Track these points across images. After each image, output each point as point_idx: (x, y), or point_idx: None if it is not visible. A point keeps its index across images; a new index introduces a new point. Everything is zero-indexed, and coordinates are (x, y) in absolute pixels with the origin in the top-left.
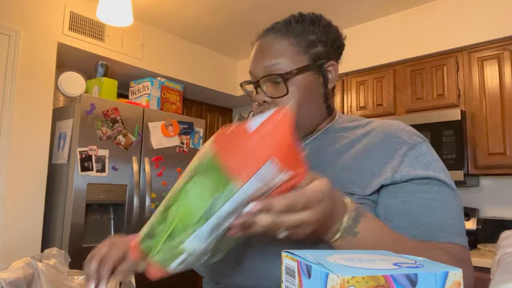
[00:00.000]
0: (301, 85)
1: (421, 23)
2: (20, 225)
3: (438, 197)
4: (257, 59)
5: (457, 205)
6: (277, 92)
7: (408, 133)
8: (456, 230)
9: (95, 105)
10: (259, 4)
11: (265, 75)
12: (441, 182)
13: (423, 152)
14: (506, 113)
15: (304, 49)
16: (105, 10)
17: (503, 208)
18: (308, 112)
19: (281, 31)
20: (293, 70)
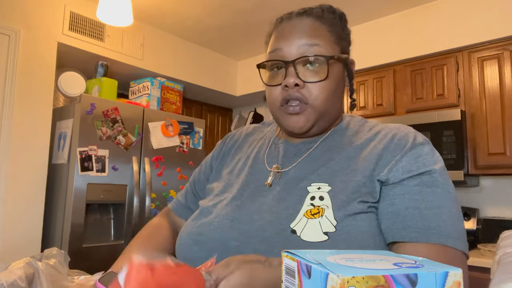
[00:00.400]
0: (337, 73)
1: (421, 23)
2: (20, 225)
3: (429, 198)
4: (293, 37)
5: (452, 206)
6: (316, 76)
7: (413, 135)
8: (447, 232)
9: (95, 105)
10: (259, 5)
11: (303, 55)
12: (434, 180)
13: (424, 153)
14: (506, 113)
15: (337, 39)
16: (105, 10)
17: (503, 208)
18: (336, 103)
19: (318, 16)
20: (334, 55)
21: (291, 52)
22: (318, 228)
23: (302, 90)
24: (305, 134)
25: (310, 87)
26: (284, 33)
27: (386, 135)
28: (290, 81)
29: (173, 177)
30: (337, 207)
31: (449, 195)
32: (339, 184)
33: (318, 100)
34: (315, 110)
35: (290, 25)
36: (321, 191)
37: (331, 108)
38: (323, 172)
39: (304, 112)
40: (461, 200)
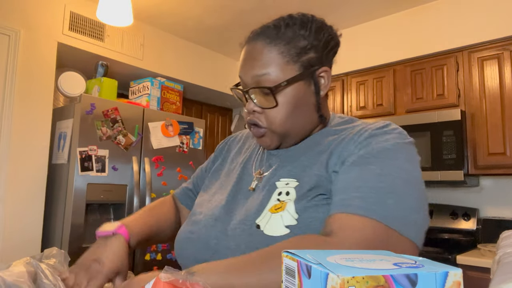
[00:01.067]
0: (291, 96)
1: (421, 23)
2: (20, 225)
3: (352, 174)
4: (247, 66)
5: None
6: (267, 103)
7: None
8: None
9: (95, 105)
10: (260, 5)
11: (254, 86)
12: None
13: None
14: (506, 113)
15: (294, 57)
16: (105, 10)
17: (503, 208)
18: (298, 122)
19: (270, 37)
20: (282, 82)
21: (247, 82)
22: (280, 222)
23: (260, 116)
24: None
25: (266, 113)
26: (242, 60)
27: (360, 130)
28: (249, 108)
29: (173, 177)
30: (299, 200)
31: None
32: (306, 179)
33: (274, 125)
34: (274, 133)
35: (246, 51)
36: (289, 186)
37: (292, 127)
38: (293, 168)
39: (265, 135)
40: (461, 200)
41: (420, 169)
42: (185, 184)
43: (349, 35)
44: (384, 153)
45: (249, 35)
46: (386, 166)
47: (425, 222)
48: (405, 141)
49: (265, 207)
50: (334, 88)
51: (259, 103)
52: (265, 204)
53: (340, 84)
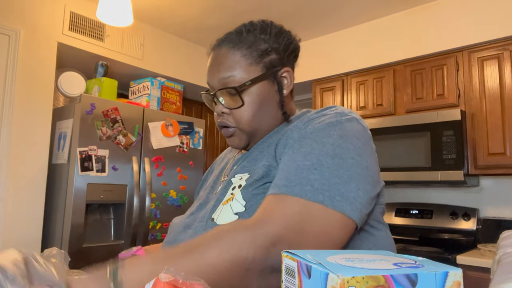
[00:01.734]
0: (256, 95)
1: (421, 23)
2: (20, 225)
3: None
4: (213, 71)
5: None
6: (234, 103)
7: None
8: (283, 182)
9: (95, 105)
10: (259, 6)
11: (220, 88)
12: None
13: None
14: (506, 113)
15: (256, 59)
16: (105, 10)
17: (503, 208)
18: (265, 120)
19: (233, 42)
20: (246, 82)
21: (214, 86)
22: (230, 211)
23: (229, 117)
24: (247, 148)
25: (234, 113)
26: (208, 66)
27: (304, 117)
28: (217, 110)
29: (173, 177)
30: (245, 188)
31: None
32: (256, 171)
33: (241, 124)
34: (242, 131)
35: (212, 57)
36: (241, 180)
37: (259, 125)
38: (247, 163)
39: (234, 134)
40: (461, 200)
41: (360, 143)
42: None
43: (349, 35)
44: (315, 133)
45: (213, 43)
46: (316, 145)
47: (362, 194)
48: (341, 119)
49: (221, 202)
50: (334, 88)
51: (226, 104)
52: (221, 200)
53: (340, 84)
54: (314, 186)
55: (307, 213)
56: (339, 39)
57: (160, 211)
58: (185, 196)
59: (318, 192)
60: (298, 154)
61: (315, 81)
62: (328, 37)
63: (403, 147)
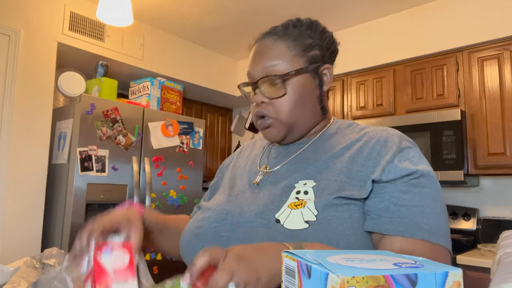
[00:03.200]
0: (298, 86)
1: (421, 23)
2: (20, 225)
3: (416, 197)
4: (256, 60)
5: (437, 206)
6: (275, 93)
7: (399, 137)
8: (431, 229)
9: (95, 105)
10: (259, 5)
11: (263, 76)
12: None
13: (411, 155)
14: (506, 113)
15: (301, 52)
16: (105, 10)
17: (503, 208)
18: (304, 113)
19: (279, 34)
20: (290, 71)
21: (256, 74)
22: (300, 217)
23: (268, 107)
24: (282, 142)
25: (274, 103)
26: (252, 56)
27: (372, 137)
28: (257, 99)
29: (173, 177)
30: (317, 199)
31: (435, 196)
32: (323, 181)
33: (281, 114)
34: (281, 123)
35: (255, 48)
36: (307, 186)
37: (298, 118)
38: (311, 170)
39: (272, 125)
40: (461, 200)
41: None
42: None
43: (349, 35)
44: (430, 175)
45: (257, 36)
46: (435, 189)
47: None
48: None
49: (284, 203)
50: (334, 88)
51: (267, 94)
52: (284, 200)
53: (340, 84)
54: (446, 237)
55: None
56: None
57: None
58: (185, 196)
59: (449, 242)
60: (427, 197)
61: None
62: None
63: None
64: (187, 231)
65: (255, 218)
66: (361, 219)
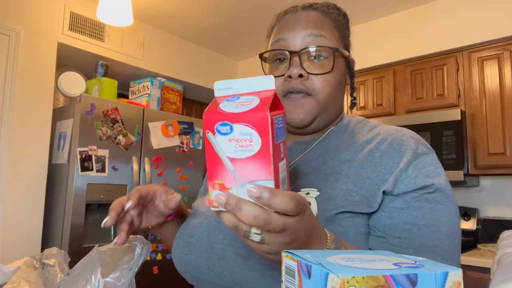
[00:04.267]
0: (340, 68)
1: (421, 23)
2: (20, 225)
3: (429, 215)
4: (299, 28)
5: (452, 224)
6: (319, 68)
7: (415, 141)
8: (443, 252)
9: (95, 105)
10: (259, 5)
11: (312, 44)
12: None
13: (428, 163)
14: (506, 113)
15: (341, 35)
16: (105, 10)
17: (503, 208)
18: (338, 99)
19: (322, 11)
20: (339, 49)
21: (296, 43)
22: None
23: (305, 82)
24: (304, 128)
25: (313, 79)
26: (289, 24)
27: (385, 138)
28: (294, 71)
29: (173, 177)
30: (322, 212)
31: (450, 212)
32: (328, 190)
33: (321, 93)
34: (317, 103)
35: (295, 17)
36: (309, 196)
37: (333, 103)
38: (314, 176)
39: (306, 104)
40: (461, 200)
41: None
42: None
43: None
44: (445, 189)
45: (289, 8)
46: (450, 205)
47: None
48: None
49: None
50: None
51: (308, 68)
52: None
53: None
54: (455, 260)
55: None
56: None
57: None
58: (185, 196)
59: (458, 264)
60: (441, 214)
61: None
62: None
63: None
64: (179, 236)
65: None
66: (368, 234)
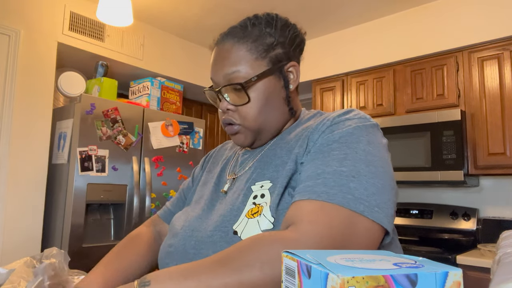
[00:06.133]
0: (262, 91)
1: (421, 23)
2: (20, 225)
3: (318, 162)
4: (217, 67)
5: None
6: (240, 100)
7: (344, 111)
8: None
9: (95, 105)
10: (259, 5)
11: (225, 84)
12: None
13: (341, 125)
14: (506, 113)
15: (262, 53)
16: (105, 10)
17: (503, 208)
18: (271, 117)
19: (238, 36)
20: (252, 77)
21: (219, 82)
22: (257, 227)
23: (234, 114)
24: (252, 147)
25: (240, 110)
26: (212, 61)
27: (323, 119)
28: (222, 107)
29: (173, 177)
30: (273, 203)
31: (347, 156)
32: (278, 179)
33: (247, 120)
34: (248, 129)
35: (216, 52)
36: (263, 188)
37: (266, 122)
38: (268, 171)
39: (239, 131)
40: (461, 200)
41: (384, 151)
42: (168, 203)
43: (349, 35)
44: (345, 138)
45: (217, 37)
46: (349, 150)
47: (392, 204)
48: (366, 124)
49: (242, 212)
50: (334, 88)
51: (232, 101)
52: (242, 209)
53: (340, 84)
54: (355, 195)
55: (350, 223)
56: (339, 39)
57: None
58: None
59: (358, 202)
60: (330, 159)
61: (315, 81)
62: (328, 37)
63: (403, 147)
64: (162, 248)
65: (215, 231)
66: None
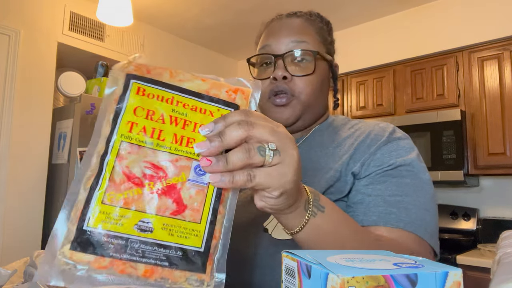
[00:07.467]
0: (322, 70)
1: (421, 23)
2: (20, 225)
3: (393, 187)
4: (283, 34)
5: (419, 196)
6: (303, 70)
7: (391, 129)
8: (408, 218)
9: (95, 105)
10: (259, 5)
11: (294, 49)
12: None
13: (399, 147)
14: (506, 113)
15: (323, 41)
16: (105, 10)
17: (503, 208)
18: (320, 99)
19: (306, 18)
20: (320, 52)
21: (280, 48)
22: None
23: (289, 84)
24: (289, 127)
25: (297, 81)
26: (274, 31)
27: (364, 131)
28: (279, 73)
29: None
30: None
31: (417, 187)
32: (312, 185)
33: (303, 94)
34: (301, 103)
35: (279, 24)
36: None
37: (316, 103)
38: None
39: (290, 104)
40: (461, 200)
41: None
42: None
43: (349, 35)
44: (413, 165)
45: (275, 16)
46: (418, 182)
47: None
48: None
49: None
50: None
51: (292, 70)
52: None
53: (340, 84)
54: (428, 230)
55: (425, 254)
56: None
57: None
58: None
59: (431, 236)
60: (405, 186)
61: None
62: None
63: None
64: None
65: (247, 225)
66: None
